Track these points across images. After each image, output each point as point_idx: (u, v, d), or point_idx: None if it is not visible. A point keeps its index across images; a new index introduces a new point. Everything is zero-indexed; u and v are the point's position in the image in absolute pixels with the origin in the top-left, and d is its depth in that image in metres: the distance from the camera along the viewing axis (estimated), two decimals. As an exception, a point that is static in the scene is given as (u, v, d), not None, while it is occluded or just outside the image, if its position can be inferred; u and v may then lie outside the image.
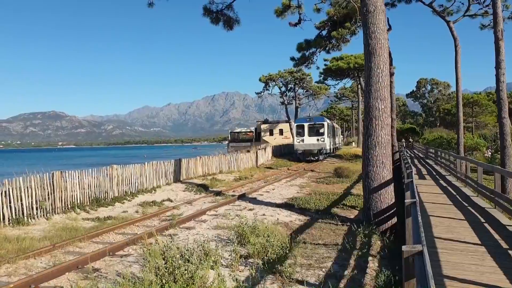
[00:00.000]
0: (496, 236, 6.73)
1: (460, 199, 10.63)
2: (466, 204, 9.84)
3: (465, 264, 5.26)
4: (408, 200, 5.66)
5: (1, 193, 9.54)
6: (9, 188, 9.71)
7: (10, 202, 9.67)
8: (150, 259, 5.35)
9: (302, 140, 30.62)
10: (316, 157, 30.39)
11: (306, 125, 30.86)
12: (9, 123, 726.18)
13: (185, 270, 4.88)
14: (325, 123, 31.05)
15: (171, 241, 5.55)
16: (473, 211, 9.01)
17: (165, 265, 5.00)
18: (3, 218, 9.50)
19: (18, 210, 9.83)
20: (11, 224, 9.52)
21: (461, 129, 24.52)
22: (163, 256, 5.18)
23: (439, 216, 8.38)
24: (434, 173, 17.66)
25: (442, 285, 4.56)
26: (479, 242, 6.35)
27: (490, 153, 31.83)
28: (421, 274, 2.53)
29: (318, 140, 30.41)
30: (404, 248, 3.02)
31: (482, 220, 8.05)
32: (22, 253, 7.05)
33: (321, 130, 30.81)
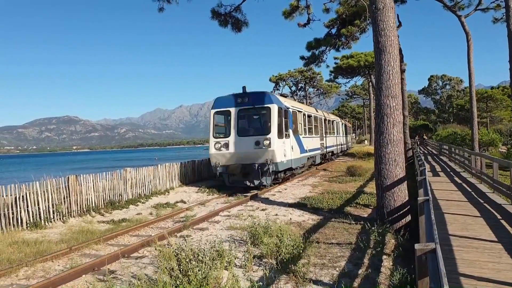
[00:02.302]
0: (513, 233, 6.62)
1: (476, 196, 10.48)
2: (482, 201, 9.70)
3: (481, 262, 5.20)
4: (421, 198, 5.62)
5: (19, 198, 9.75)
6: (26, 193, 9.92)
7: (27, 206, 9.88)
8: (164, 260, 5.41)
9: (226, 145, 14.81)
10: (257, 181, 14.56)
11: (234, 111, 15.00)
12: (25, 129, 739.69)
13: (199, 270, 4.92)
14: (273, 107, 14.61)
15: (184, 243, 5.60)
16: (489, 207, 8.87)
17: (179, 266, 5.05)
18: (21, 222, 9.71)
19: (36, 214, 10.03)
20: (28, 227, 9.72)
21: (475, 125, 24.16)
22: (176, 258, 5.23)
23: (454, 213, 8.29)
24: (449, 170, 17.44)
25: (458, 283, 4.51)
26: (496, 239, 6.26)
27: (506, 149, 31.27)
28: (434, 272, 2.52)
29: (258, 143, 14.40)
30: (417, 246, 3.01)
31: (499, 217, 7.93)
32: (40, 256, 7.19)
33: (268, 123, 14.58)
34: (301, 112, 18.73)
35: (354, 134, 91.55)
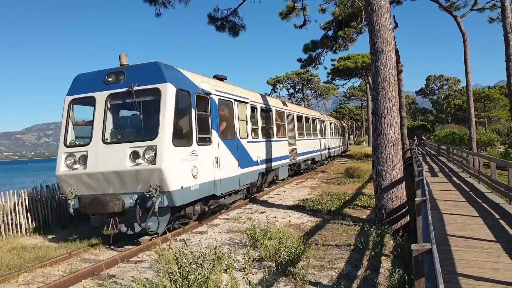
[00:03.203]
0: None
1: (474, 196, 10.52)
2: (480, 201, 9.74)
3: (479, 262, 5.22)
4: (418, 199, 5.65)
5: (18, 204, 9.75)
6: (25, 198, 9.91)
7: (26, 212, 9.87)
8: (163, 264, 5.42)
9: (83, 159, 8.18)
10: (140, 227, 7.83)
11: (100, 98, 8.46)
12: (23, 135, 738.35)
13: (199, 274, 4.93)
14: (167, 89, 7.93)
15: (184, 246, 5.61)
16: (487, 207, 8.91)
17: (179, 270, 5.06)
18: (20, 228, 9.70)
19: (34, 220, 10.01)
20: (28, 233, 9.71)
21: (473, 125, 24.27)
22: (176, 261, 5.24)
23: (452, 214, 8.32)
24: (447, 170, 17.48)
25: (456, 283, 4.53)
26: (494, 239, 6.29)
27: (504, 148, 31.37)
28: (430, 272, 2.54)
29: (136, 156, 7.78)
30: (413, 246, 3.03)
31: (497, 216, 7.96)
32: (39, 262, 7.18)
33: (157, 119, 7.88)
34: (247, 103, 12.09)
35: (352, 136, 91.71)
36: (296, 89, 58.33)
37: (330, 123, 28.91)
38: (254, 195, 13.55)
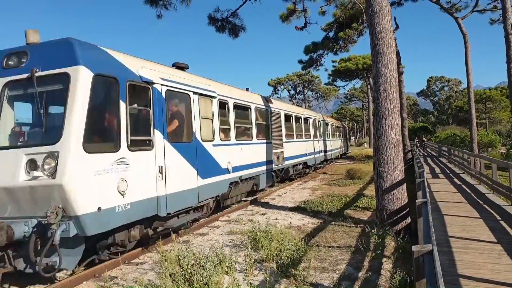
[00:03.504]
0: (513, 234, 6.65)
1: (475, 197, 10.51)
2: (481, 202, 9.74)
3: (481, 263, 5.23)
4: (419, 200, 5.65)
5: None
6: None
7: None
8: (166, 265, 5.43)
9: None
10: (37, 258, 5.45)
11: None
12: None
13: (201, 276, 4.95)
14: (79, 73, 5.84)
15: (186, 248, 5.63)
16: (488, 209, 8.91)
17: (181, 272, 5.08)
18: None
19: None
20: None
21: (474, 126, 24.26)
22: (178, 263, 5.26)
23: (453, 215, 8.32)
24: (448, 172, 17.47)
25: (457, 285, 4.54)
26: (495, 240, 6.29)
27: (505, 149, 31.36)
28: (431, 274, 2.55)
29: (34, 165, 5.63)
30: (414, 248, 3.04)
31: (498, 217, 7.96)
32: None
33: (63, 114, 5.78)
34: (213, 97, 9.90)
35: (353, 137, 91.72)
36: (297, 91, 58.46)
37: (327, 124, 26.53)
38: (255, 196, 13.55)
